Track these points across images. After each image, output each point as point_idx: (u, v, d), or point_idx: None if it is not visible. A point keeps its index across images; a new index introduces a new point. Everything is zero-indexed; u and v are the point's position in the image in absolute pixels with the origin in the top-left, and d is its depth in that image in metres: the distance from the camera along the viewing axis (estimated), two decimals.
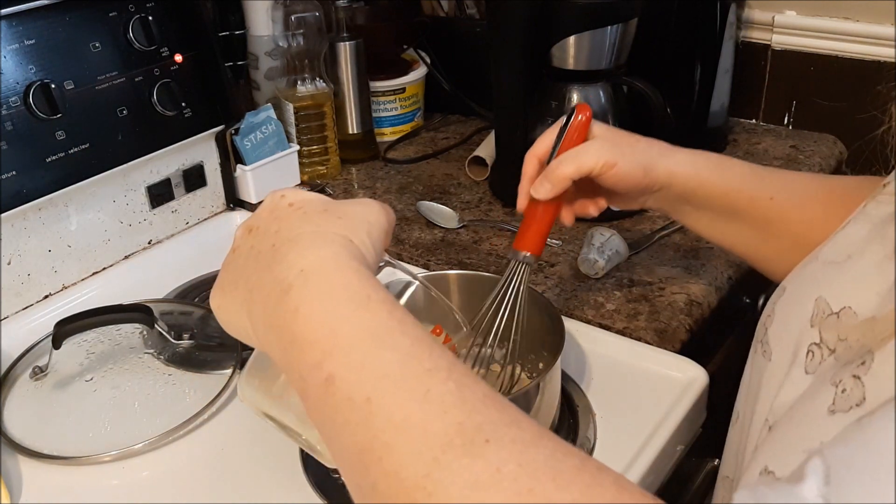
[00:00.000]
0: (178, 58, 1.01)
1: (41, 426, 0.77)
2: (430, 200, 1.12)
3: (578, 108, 0.69)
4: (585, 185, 0.72)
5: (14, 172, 0.87)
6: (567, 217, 0.75)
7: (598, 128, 0.71)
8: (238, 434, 0.76)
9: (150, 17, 0.97)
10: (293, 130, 1.17)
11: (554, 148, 0.70)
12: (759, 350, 0.58)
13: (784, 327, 0.55)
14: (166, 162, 1.05)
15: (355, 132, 1.25)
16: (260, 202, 1.13)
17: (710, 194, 0.71)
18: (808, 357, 0.51)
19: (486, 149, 1.18)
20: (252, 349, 0.53)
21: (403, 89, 1.32)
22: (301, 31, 1.14)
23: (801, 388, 0.50)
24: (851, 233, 0.55)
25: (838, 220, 0.65)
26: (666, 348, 0.83)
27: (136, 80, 0.97)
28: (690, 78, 1.16)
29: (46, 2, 0.89)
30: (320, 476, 0.70)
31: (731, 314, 0.95)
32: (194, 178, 1.09)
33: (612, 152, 0.68)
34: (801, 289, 0.56)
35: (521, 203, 0.72)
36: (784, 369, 0.53)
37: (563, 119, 0.70)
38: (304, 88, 1.16)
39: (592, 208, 0.74)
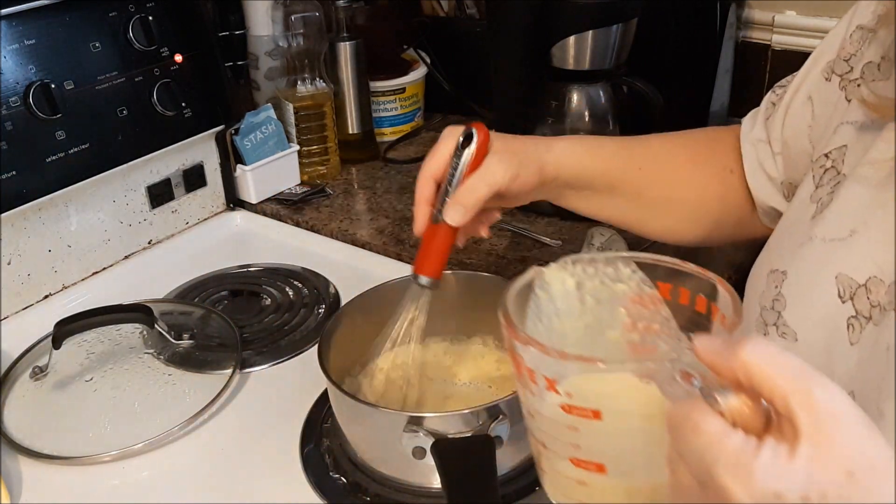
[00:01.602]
0: (178, 58, 1.01)
1: (41, 426, 0.77)
2: None
3: (477, 128, 0.67)
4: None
5: (14, 172, 0.87)
6: (461, 240, 0.73)
7: (493, 141, 0.70)
8: (238, 434, 0.76)
9: (150, 17, 0.97)
10: (293, 130, 1.17)
11: (454, 169, 0.67)
12: (773, 333, 0.60)
13: (805, 309, 0.57)
14: (166, 162, 1.05)
15: (355, 132, 1.25)
16: (261, 202, 1.14)
17: (589, 176, 0.74)
18: (849, 330, 0.54)
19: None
20: None
21: (403, 89, 1.32)
22: (301, 31, 1.14)
23: (851, 361, 0.53)
24: (842, 209, 0.57)
25: (700, 174, 0.77)
26: None
27: (136, 80, 0.97)
28: (690, 78, 1.16)
29: (46, 2, 0.89)
30: (320, 476, 0.70)
31: None
32: (194, 178, 1.09)
33: (513, 163, 0.68)
34: (809, 270, 0.58)
35: (420, 227, 0.69)
36: (821, 348, 0.55)
37: (458, 138, 0.67)
38: (304, 88, 1.16)
39: (483, 230, 0.74)
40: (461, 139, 0.67)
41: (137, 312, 0.84)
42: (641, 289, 0.51)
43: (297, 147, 1.17)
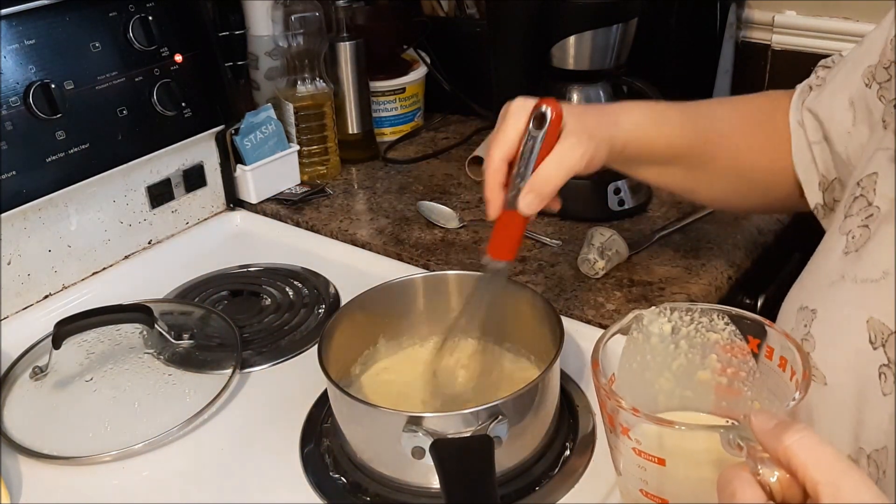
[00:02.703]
0: (178, 58, 1.01)
1: (41, 426, 0.77)
2: (430, 200, 1.12)
3: (551, 106, 0.63)
4: None
5: (14, 172, 0.87)
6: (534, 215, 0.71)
7: (566, 119, 0.67)
8: (238, 434, 0.76)
9: (150, 17, 0.97)
10: (293, 130, 1.17)
11: (527, 151, 0.64)
12: None
13: (834, 352, 0.56)
14: (166, 162, 1.05)
15: (355, 132, 1.25)
16: (261, 202, 1.14)
17: (654, 150, 0.72)
18: (881, 379, 0.52)
19: (486, 149, 1.17)
20: None
21: (403, 89, 1.32)
22: (301, 31, 1.14)
23: (885, 412, 0.51)
24: (875, 249, 0.55)
25: (763, 146, 0.75)
26: None
27: (136, 80, 0.97)
28: (690, 78, 1.16)
29: (46, 2, 0.89)
30: (320, 476, 0.70)
31: None
32: (194, 178, 1.09)
33: (589, 146, 0.64)
34: (839, 311, 0.57)
35: (495, 211, 0.66)
36: (852, 396, 0.53)
37: (529, 117, 0.64)
38: (304, 88, 1.16)
39: (555, 203, 0.70)
40: (529, 116, 0.63)
41: (137, 312, 0.84)
42: (733, 340, 0.55)
43: (297, 147, 1.17)
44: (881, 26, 0.66)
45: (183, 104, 1.02)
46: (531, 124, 0.63)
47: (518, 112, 0.65)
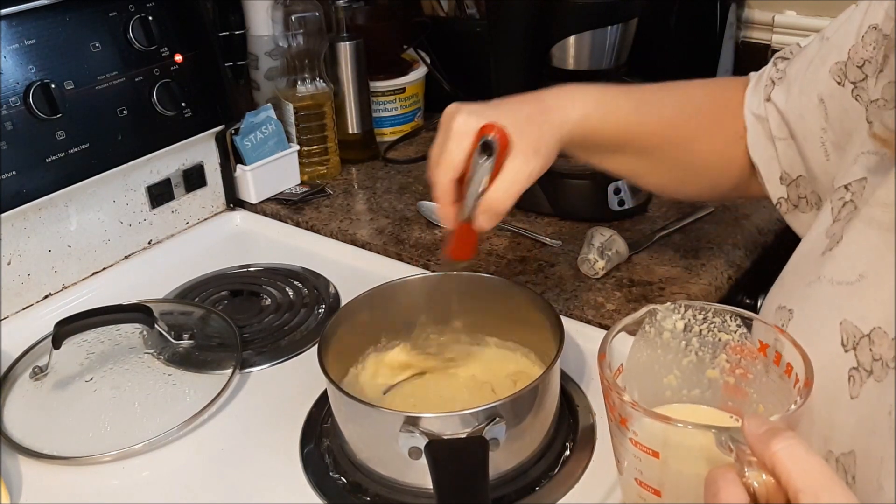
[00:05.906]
0: (178, 58, 1.02)
1: (41, 426, 0.78)
2: (430, 200, 1.12)
3: (496, 133, 0.64)
4: None
5: (14, 172, 0.87)
6: None
7: (512, 138, 0.67)
8: (238, 434, 0.76)
9: (150, 17, 0.97)
10: (293, 130, 1.17)
11: (477, 174, 0.66)
12: None
13: (809, 353, 0.55)
14: (166, 162, 1.05)
15: (355, 132, 1.25)
16: (261, 202, 1.14)
17: (602, 136, 0.73)
18: (850, 382, 0.52)
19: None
20: None
21: (403, 89, 1.32)
22: (301, 31, 1.14)
23: (853, 416, 0.52)
24: (851, 251, 0.56)
25: (712, 138, 0.75)
26: None
27: (136, 80, 0.98)
28: (690, 78, 1.16)
29: (46, 2, 0.89)
30: (320, 476, 0.70)
31: None
32: (194, 178, 1.09)
33: (535, 162, 0.66)
34: (815, 312, 0.57)
35: (454, 225, 0.69)
36: (823, 398, 0.53)
37: (468, 139, 0.66)
38: (304, 88, 1.16)
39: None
40: (476, 139, 0.65)
41: (137, 312, 0.84)
42: (744, 342, 0.56)
43: (297, 147, 1.17)
44: (849, 20, 0.64)
45: (183, 104, 1.02)
46: (478, 151, 0.65)
47: (462, 137, 0.66)
